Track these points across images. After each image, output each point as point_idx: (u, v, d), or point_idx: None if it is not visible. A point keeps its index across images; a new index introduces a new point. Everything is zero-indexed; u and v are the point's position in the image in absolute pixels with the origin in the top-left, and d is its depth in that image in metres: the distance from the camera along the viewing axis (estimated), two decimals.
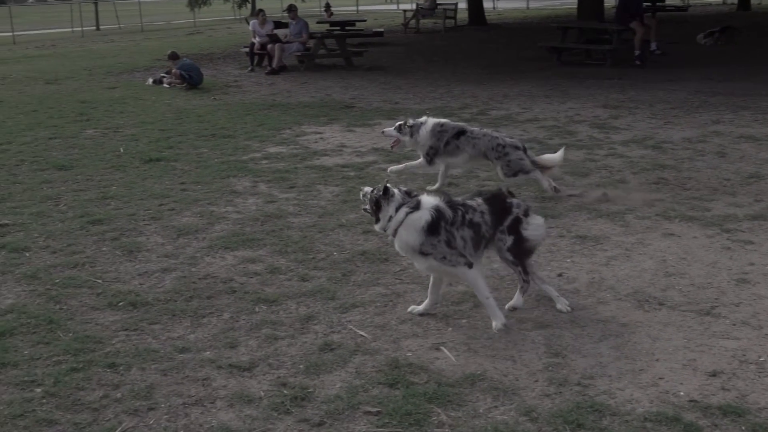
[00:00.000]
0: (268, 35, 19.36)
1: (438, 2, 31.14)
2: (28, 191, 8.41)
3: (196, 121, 12.44)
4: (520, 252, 5.10)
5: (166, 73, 17.19)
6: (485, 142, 7.73)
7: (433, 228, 4.88)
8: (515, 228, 5.05)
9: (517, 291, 5.17)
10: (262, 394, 4.22)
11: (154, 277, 5.94)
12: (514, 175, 7.67)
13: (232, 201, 7.87)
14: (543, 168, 7.72)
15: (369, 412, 4.02)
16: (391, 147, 8.27)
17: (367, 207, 5.11)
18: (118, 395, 4.24)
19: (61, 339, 4.90)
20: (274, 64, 18.75)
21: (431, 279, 5.15)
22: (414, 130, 7.84)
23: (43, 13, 55.60)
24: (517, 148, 7.69)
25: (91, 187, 8.54)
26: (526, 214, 5.10)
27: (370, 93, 15.21)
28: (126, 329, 5.05)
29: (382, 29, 24.70)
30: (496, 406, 4.05)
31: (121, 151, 10.27)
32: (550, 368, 4.42)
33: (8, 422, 3.99)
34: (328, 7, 32.13)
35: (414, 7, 32.98)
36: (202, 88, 16.30)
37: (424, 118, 7.95)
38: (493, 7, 43.11)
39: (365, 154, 9.87)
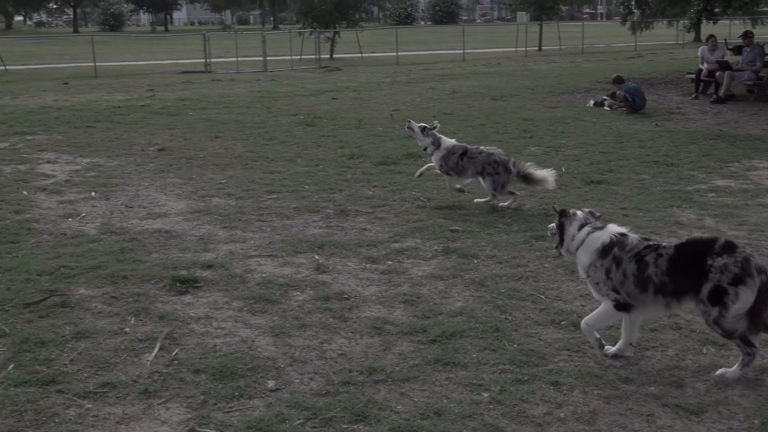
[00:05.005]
0: (717, 62, 18.46)
1: None
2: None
3: (638, 146, 12.23)
4: (730, 324, 4.43)
5: (608, 95, 17.17)
6: (482, 158, 8.54)
7: (605, 251, 4.67)
8: (718, 298, 4.37)
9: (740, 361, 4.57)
10: None
11: (597, 300, 5.89)
12: (495, 190, 8.49)
13: (676, 232, 7.57)
14: (533, 181, 8.38)
15: None
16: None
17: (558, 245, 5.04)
18: (561, 414, 4.25)
19: (507, 348, 5.06)
20: (722, 92, 17.81)
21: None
22: (435, 141, 8.74)
23: (490, 33, 58.80)
24: (507, 169, 8.45)
25: (534, 204, 8.77)
26: (737, 282, 4.31)
27: None
28: (568, 349, 5.07)
29: None
30: None
31: (563, 170, 10.43)
32: None
33: (458, 420, 4.19)
34: None
35: None
36: (644, 113, 16.00)
37: (449, 141, 8.82)
38: None
39: None
